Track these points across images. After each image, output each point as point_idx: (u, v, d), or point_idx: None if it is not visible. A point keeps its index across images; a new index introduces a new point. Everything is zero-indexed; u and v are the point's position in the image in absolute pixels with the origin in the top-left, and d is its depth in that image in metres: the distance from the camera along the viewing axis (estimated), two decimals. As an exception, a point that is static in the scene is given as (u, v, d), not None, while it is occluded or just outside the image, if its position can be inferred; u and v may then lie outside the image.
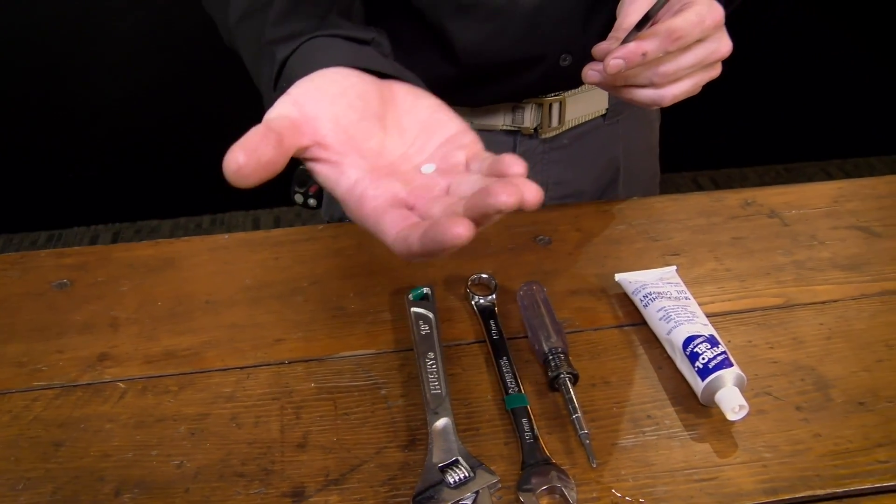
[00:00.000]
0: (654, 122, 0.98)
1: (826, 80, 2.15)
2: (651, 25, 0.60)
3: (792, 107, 2.21)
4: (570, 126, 0.87)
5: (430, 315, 0.71)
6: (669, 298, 0.71)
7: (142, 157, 1.99)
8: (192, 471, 0.59)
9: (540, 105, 0.84)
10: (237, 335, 0.70)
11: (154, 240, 0.81)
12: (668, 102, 0.64)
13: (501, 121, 0.83)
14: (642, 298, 0.72)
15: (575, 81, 0.83)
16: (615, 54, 0.59)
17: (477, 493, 0.56)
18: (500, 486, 0.58)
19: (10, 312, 0.73)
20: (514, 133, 0.84)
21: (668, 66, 0.62)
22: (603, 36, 0.78)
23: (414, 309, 0.71)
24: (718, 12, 0.61)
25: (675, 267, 0.76)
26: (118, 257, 0.79)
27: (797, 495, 0.58)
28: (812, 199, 0.88)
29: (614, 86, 0.65)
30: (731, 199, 0.88)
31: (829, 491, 0.59)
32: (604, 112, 0.88)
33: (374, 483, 0.58)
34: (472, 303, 0.73)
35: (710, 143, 2.16)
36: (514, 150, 0.85)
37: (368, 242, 0.81)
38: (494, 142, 0.85)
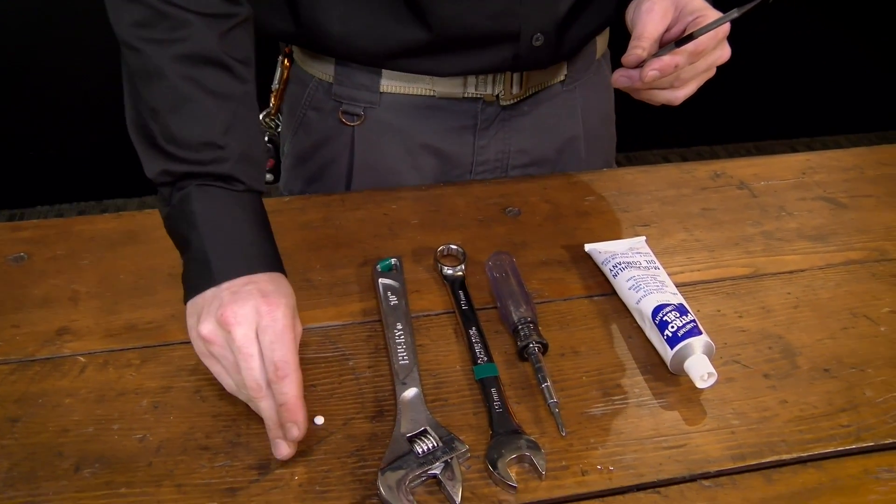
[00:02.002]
0: (609, 88, 0.97)
1: (796, 60, 2.16)
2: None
3: (762, 86, 2.22)
4: (530, 93, 0.86)
5: (398, 286, 0.70)
6: (639, 268, 0.70)
7: (107, 133, 1.94)
8: (154, 444, 0.58)
9: (503, 74, 0.83)
10: (201, 308, 0.69)
11: (116, 212, 0.79)
12: (679, 102, 0.73)
13: (462, 90, 0.82)
14: (612, 268, 0.71)
15: (542, 62, 0.82)
16: (653, 66, 0.68)
17: (445, 462, 0.56)
18: (469, 455, 0.57)
19: (-36, 287, 0.70)
20: (477, 100, 0.83)
21: (687, 73, 0.70)
22: (575, 20, 0.78)
23: (382, 280, 0.70)
24: (727, 25, 0.69)
25: (644, 237, 0.76)
26: (79, 230, 0.77)
27: (763, 460, 0.58)
28: (780, 171, 0.89)
29: (640, 89, 0.71)
30: (701, 170, 0.88)
31: (794, 455, 0.59)
32: (562, 79, 0.88)
33: (342, 454, 0.58)
34: (441, 274, 0.72)
35: (681, 120, 2.16)
36: (476, 117, 0.84)
37: (335, 215, 0.80)
38: (456, 110, 0.84)
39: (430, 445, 0.56)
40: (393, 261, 0.72)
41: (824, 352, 0.67)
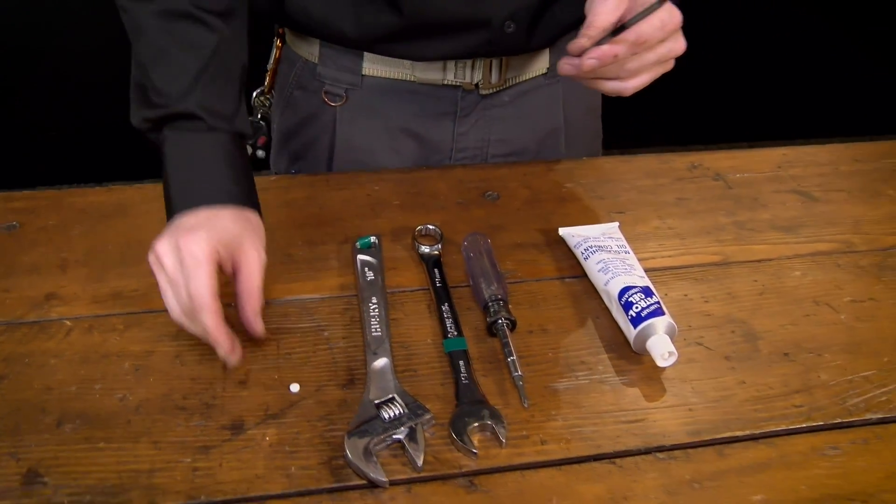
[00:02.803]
0: None
1: (778, 63, 2.17)
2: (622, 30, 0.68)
3: (761, 87, 2.23)
4: (511, 84, 0.88)
5: (376, 262, 0.72)
6: (609, 252, 0.73)
7: (103, 117, 1.95)
8: (134, 404, 0.61)
9: (482, 61, 0.85)
10: (185, 278, 0.71)
11: (106, 185, 0.81)
12: (629, 93, 0.72)
13: (442, 76, 0.84)
14: (583, 251, 0.74)
15: (517, 49, 0.84)
16: (591, 54, 0.67)
17: (410, 428, 0.58)
18: (433, 422, 0.60)
19: (-42, 252, 0.73)
20: (457, 88, 0.86)
21: (633, 64, 0.69)
22: (548, 10, 0.79)
23: (360, 256, 0.73)
24: (677, 17, 0.69)
25: (617, 223, 0.78)
26: (70, 202, 0.79)
27: (717, 436, 0.61)
28: (757, 164, 0.91)
29: (585, 77, 0.71)
30: (678, 161, 0.90)
31: (747, 432, 0.61)
32: (545, 72, 0.90)
33: (312, 418, 0.60)
34: (418, 252, 0.75)
35: (674, 119, 2.18)
36: (455, 105, 0.87)
37: (319, 195, 0.82)
38: (436, 96, 0.86)
39: (397, 412, 0.59)
40: (372, 239, 0.75)
41: (785, 337, 0.70)
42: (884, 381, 0.66)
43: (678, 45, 0.70)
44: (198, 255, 0.59)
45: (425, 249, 0.74)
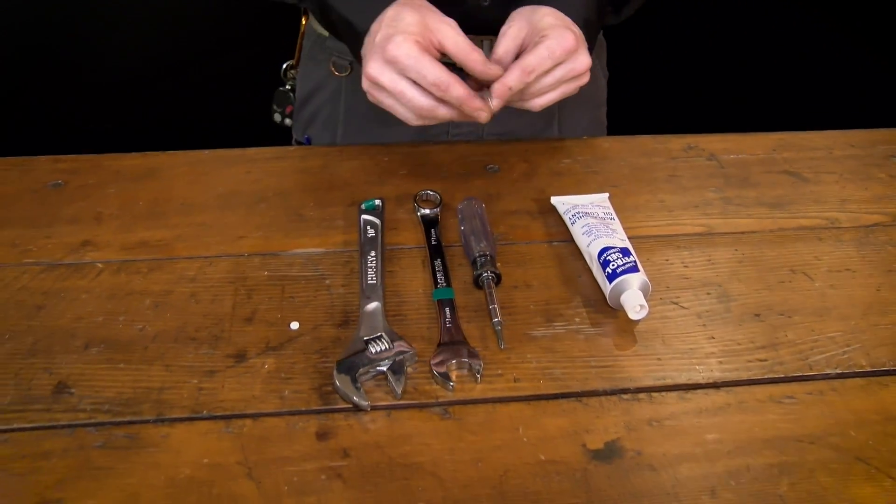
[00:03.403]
0: (595, 71, 1.02)
1: (784, 57, 2.13)
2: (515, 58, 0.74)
3: (772, 79, 2.19)
4: None
5: (378, 222, 0.79)
6: (595, 217, 0.78)
7: (141, 94, 2.02)
8: (151, 334, 0.68)
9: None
10: (205, 232, 0.79)
11: (141, 152, 0.89)
12: (538, 109, 0.77)
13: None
14: (570, 217, 0.79)
15: (495, 26, 0.89)
16: (493, 94, 0.73)
17: (394, 361, 0.64)
18: (416, 359, 0.66)
19: (8, 204, 0.82)
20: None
21: (533, 88, 0.75)
22: None
23: (364, 216, 0.79)
24: (568, 41, 0.73)
25: (607, 194, 0.83)
26: (107, 165, 0.88)
27: (680, 382, 0.65)
28: (751, 147, 0.95)
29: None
30: (675, 142, 0.95)
31: (710, 380, 0.66)
32: None
33: (308, 352, 0.67)
34: (418, 215, 0.81)
35: (683, 112, 2.16)
36: None
37: (331, 164, 0.89)
38: None
39: (383, 347, 0.65)
40: (377, 202, 0.81)
41: (758, 300, 0.74)
42: (848, 342, 0.70)
43: (578, 64, 0.75)
44: (410, 52, 0.66)
45: (424, 212, 0.80)
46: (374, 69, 0.68)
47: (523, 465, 0.59)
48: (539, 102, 0.76)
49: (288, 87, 1.05)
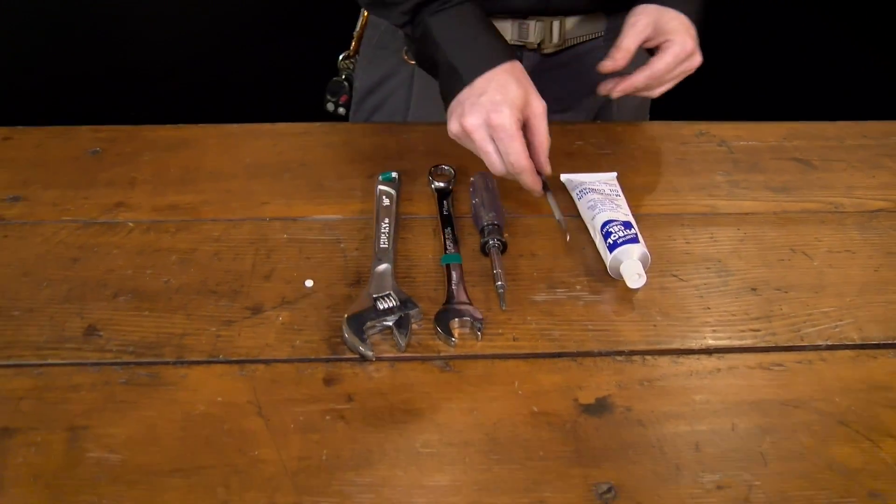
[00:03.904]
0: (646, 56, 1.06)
1: (809, 50, 2.10)
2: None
3: (760, 68, 2.15)
4: (571, 44, 0.97)
5: (393, 192, 0.83)
6: (601, 194, 0.81)
7: (183, 68, 2.06)
8: (175, 286, 0.73)
9: (542, 22, 0.95)
10: (231, 198, 0.84)
11: (175, 124, 0.95)
12: (657, 96, 0.88)
13: (508, 34, 0.94)
14: (578, 193, 0.82)
15: (572, 8, 0.93)
16: (618, 87, 0.85)
17: (400, 317, 0.68)
18: (421, 317, 0.69)
19: (51, 169, 0.87)
20: (520, 48, 0.95)
21: (655, 84, 0.86)
22: None
23: (381, 186, 0.83)
24: (689, 45, 0.83)
25: (615, 173, 0.86)
26: (143, 135, 0.93)
27: (673, 346, 0.68)
28: (762, 135, 0.97)
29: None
30: (687, 129, 0.97)
31: (703, 347, 0.68)
32: (602, 33, 0.98)
33: (320, 307, 0.71)
34: (432, 187, 0.85)
35: (722, 94, 2.13)
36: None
37: (354, 140, 0.93)
38: None
39: (390, 304, 0.69)
40: (393, 174, 0.85)
41: (757, 276, 0.76)
42: (841, 317, 0.72)
43: (694, 62, 0.85)
44: (509, 129, 0.73)
45: (438, 184, 0.84)
46: (473, 125, 0.74)
47: (516, 415, 0.62)
48: (658, 91, 0.87)
49: (343, 77, 1.09)
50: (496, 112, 0.73)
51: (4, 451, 0.58)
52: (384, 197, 0.82)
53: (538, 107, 0.76)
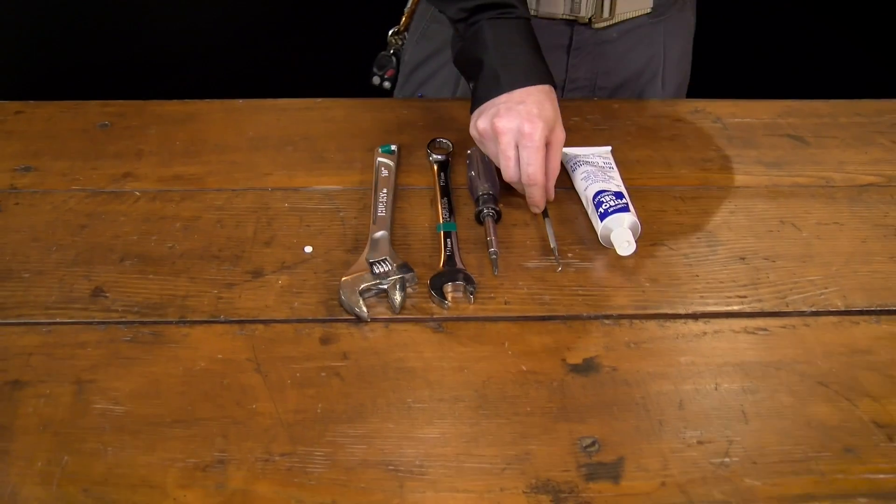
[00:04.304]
0: (691, 27, 1.09)
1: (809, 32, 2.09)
2: None
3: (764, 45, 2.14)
4: (620, 20, 1.00)
5: (392, 164, 0.85)
6: (595, 166, 0.83)
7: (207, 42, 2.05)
8: (179, 252, 0.75)
9: None
10: (234, 169, 0.86)
11: (181, 100, 0.97)
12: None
13: (561, 9, 0.96)
14: (572, 165, 0.84)
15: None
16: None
17: (395, 280, 0.70)
18: (416, 280, 0.72)
19: (61, 141, 0.90)
20: (572, 23, 0.98)
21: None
22: None
23: (380, 158, 0.85)
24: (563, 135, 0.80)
25: (609, 147, 0.88)
26: (151, 109, 0.96)
27: (660, 311, 0.70)
28: (757, 112, 0.98)
29: None
30: (683, 106, 0.99)
31: (689, 311, 0.70)
32: (649, 10, 1.00)
33: (318, 271, 0.73)
34: (430, 160, 0.87)
35: (766, 71, 2.11)
36: (570, 39, 0.99)
37: (355, 115, 0.95)
38: (555, 31, 0.98)
39: (386, 268, 0.71)
40: (393, 147, 0.87)
41: (745, 245, 0.78)
42: (826, 285, 0.73)
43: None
44: (537, 141, 0.75)
45: (436, 157, 0.86)
46: (505, 127, 0.76)
47: (505, 373, 0.64)
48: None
49: (391, 51, 1.11)
50: (530, 122, 0.75)
51: (15, 402, 0.61)
52: (383, 168, 0.84)
53: (561, 135, 0.79)
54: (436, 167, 0.86)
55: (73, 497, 0.55)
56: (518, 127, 0.76)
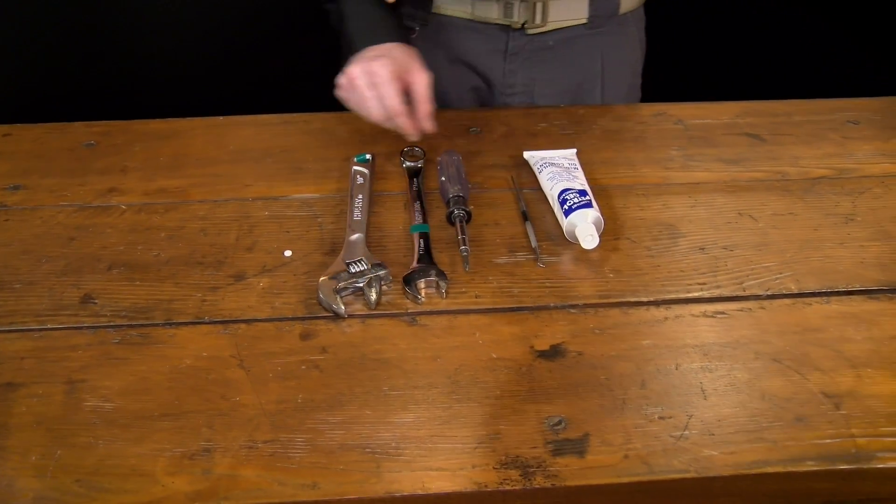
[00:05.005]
0: (635, 46, 1.13)
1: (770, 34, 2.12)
2: None
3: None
4: (554, 28, 1.04)
5: (367, 172, 0.89)
6: (560, 167, 0.87)
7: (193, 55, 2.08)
8: (164, 259, 0.79)
9: (526, 3, 1.01)
10: (217, 181, 0.90)
11: (165, 118, 1.01)
12: None
13: (495, 13, 1.01)
14: (539, 167, 0.88)
15: None
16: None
17: (370, 279, 0.74)
18: (391, 278, 0.75)
19: (48, 160, 0.93)
20: (507, 29, 1.02)
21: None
22: None
23: (355, 167, 0.89)
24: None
25: (575, 150, 0.92)
26: (135, 129, 0.99)
27: (623, 300, 0.74)
28: (717, 113, 1.03)
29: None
30: (646, 109, 1.04)
31: (651, 299, 0.74)
32: (585, 21, 1.05)
33: (297, 273, 0.77)
34: (404, 167, 0.91)
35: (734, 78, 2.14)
36: (506, 45, 1.04)
37: (331, 127, 0.99)
38: (491, 35, 1.03)
39: (362, 268, 0.75)
40: (368, 155, 0.91)
41: (705, 237, 0.82)
42: (780, 270, 0.77)
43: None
44: (385, 75, 0.81)
45: (409, 164, 0.90)
46: (354, 72, 0.84)
47: (476, 360, 0.68)
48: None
49: None
50: (376, 61, 0.82)
51: (9, 402, 0.64)
52: (358, 176, 0.88)
53: (420, 75, 0.84)
54: (409, 173, 0.89)
55: (66, 487, 0.58)
56: (366, 67, 0.82)
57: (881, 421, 0.63)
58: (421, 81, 0.84)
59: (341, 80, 0.85)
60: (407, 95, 0.85)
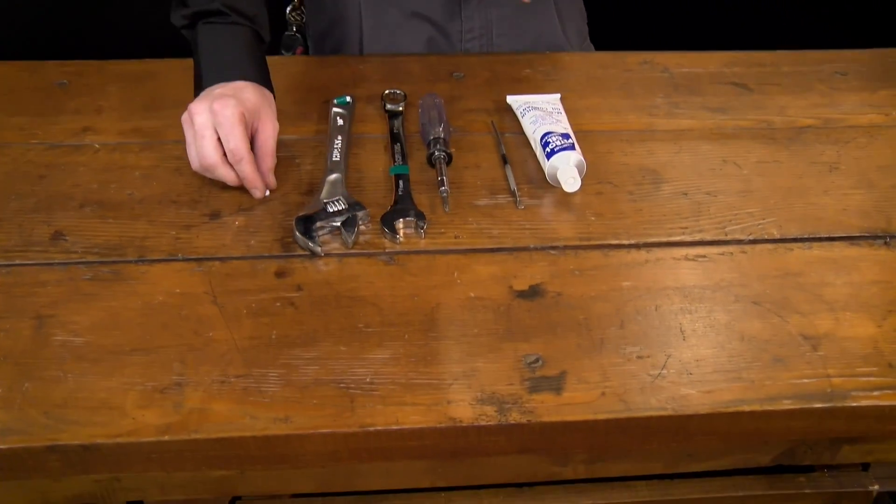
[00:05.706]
0: None
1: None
2: None
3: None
4: None
5: (347, 114, 0.87)
6: (544, 111, 0.85)
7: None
8: (138, 198, 0.77)
9: None
10: (193, 122, 0.87)
11: (140, 59, 0.98)
12: None
13: None
14: (522, 111, 0.87)
15: None
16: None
17: (348, 217, 0.73)
18: (368, 218, 0.74)
19: (18, 99, 0.91)
20: None
21: None
22: None
23: (335, 109, 0.87)
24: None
25: (559, 95, 0.91)
26: (110, 69, 0.97)
27: (604, 242, 0.73)
28: (704, 63, 1.02)
29: None
30: (632, 58, 1.02)
31: (632, 241, 0.73)
32: None
33: (274, 212, 0.75)
34: (384, 110, 0.89)
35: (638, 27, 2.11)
36: None
37: (311, 71, 0.97)
38: None
39: (339, 207, 0.73)
40: (348, 98, 0.89)
41: (688, 182, 0.81)
42: (763, 217, 0.77)
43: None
44: (231, 117, 0.73)
45: (390, 107, 0.89)
46: (198, 108, 0.74)
47: (454, 300, 0.67)
48: None
49: (293, 29, 1.12)
50: (221, 101, 0.74)
51: (-25, 336, 0.63)
52: (338, 118, 0.86)
53: (269, 122, 0.78)
54: (389, 116, 0.88)
55: (34, 419, 0.57)
56: (209, 106, 0.74)
57: (857, 362, 0.62)
58: (268, 132, 0.78)
59: (182, 118, 0.76)
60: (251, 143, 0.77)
